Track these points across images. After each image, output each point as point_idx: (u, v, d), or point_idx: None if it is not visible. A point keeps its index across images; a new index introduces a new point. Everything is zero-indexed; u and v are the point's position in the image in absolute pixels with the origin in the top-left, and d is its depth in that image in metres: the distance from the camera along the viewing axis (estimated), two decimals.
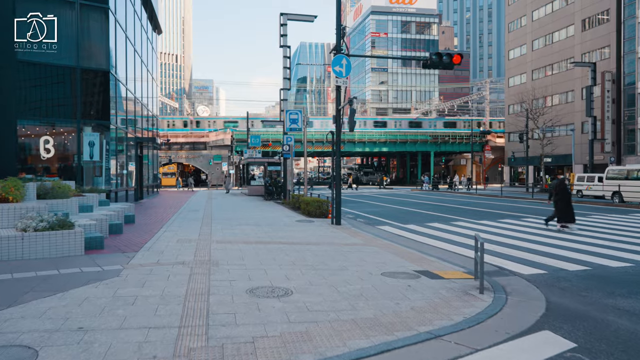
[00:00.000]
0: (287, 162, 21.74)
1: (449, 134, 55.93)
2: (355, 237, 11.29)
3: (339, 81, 13.48)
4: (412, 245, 10.39)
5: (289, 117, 18.65)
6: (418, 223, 14.85)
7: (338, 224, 13.79)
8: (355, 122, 12.46)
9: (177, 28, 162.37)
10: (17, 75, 12.80)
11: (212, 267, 7.03)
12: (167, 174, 51.51)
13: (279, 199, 24.23)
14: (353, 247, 9.63)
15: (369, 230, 13.10)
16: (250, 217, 15.25)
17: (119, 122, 18.94)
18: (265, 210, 18.37)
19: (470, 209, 20.16)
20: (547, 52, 44.05)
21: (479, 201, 25.83)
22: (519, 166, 48.06)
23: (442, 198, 28.83)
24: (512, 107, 48.54)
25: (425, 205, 22.32)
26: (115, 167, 18.00)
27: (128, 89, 20.72)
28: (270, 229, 12.32)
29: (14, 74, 10.92)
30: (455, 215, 17.39)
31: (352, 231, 12.47)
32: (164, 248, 8.55)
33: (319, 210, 15.53)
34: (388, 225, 14.57)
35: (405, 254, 8.88)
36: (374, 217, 17.11)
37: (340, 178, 14.27)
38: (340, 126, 13.88)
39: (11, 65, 10.39)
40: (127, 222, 12.24)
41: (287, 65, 23.25)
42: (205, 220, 14.01)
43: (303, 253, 8.58)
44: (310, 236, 11.04)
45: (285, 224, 13.66)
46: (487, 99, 55.72)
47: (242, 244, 9.43)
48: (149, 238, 9.79)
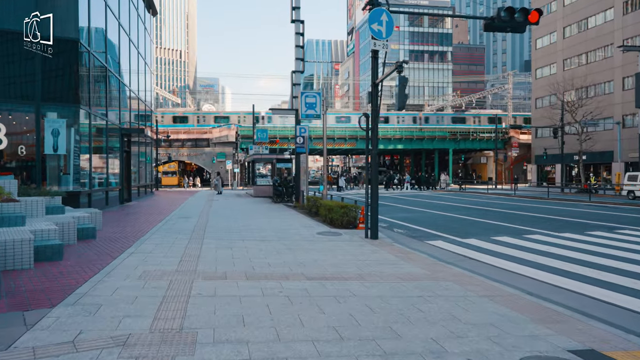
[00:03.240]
0: (300, 158, 18.17)
1: (469, 130, 52.10)
2: (409, 261, 7.70)
3: (377, 44, 9.88)
4: (504, 278, 6.79)
5: (304, 100, 15.00)
6: (479, 236, 11.21)
7: (374, 237, 10.22)
8: (407, 97, 8.83)
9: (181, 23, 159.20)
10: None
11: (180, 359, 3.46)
12: (168, 173, 48.17)
13: (289, 202, 20.67)
14: (418, 284, 6.05)
15: (419, 247, 9.51)
16: (256, 227, 11.70)
17: (94, 108, 15.45)
18: (275, 216, 14.81)
19: (528, 215, 16.48)
20: (581, 39, 40.12)
21: (525, 204, 22.09)
22: (548, 165, 44.16)
23: (474, 200, 25.13)
24: (541, 100, 44.64)
25: (465, 210, 18.64)
26: (89, 162, 14.50)
27: (110, 69, 17.22)
28: (284, 247, 8.75)
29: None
30: (516, 224, 13.72)
31: (397, 249, 8.89)
32: (108, 298, 4.97)
33: (346, 219, 11.92)
34: (440, 239, 10.95)
35: (510, 300, 5.28)
36: (411, 225, 13.50)
37: (377, 174, 10.68)
38: (377, 106, 10.27)
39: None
40: (82, 237, 8.71)
41: (300, 44, 19.67)
42: (197, 233, 10.46)
43: (347, 303, 5.00)
44: (346, 261, 7.45)
45: (304, 237, 10.08)
46: (509, 93, 51.79)
47: (243, 282, 5.87)
48: (97, 270, 6.23)
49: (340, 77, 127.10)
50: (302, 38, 19.64)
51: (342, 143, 50.40)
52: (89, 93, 14.65)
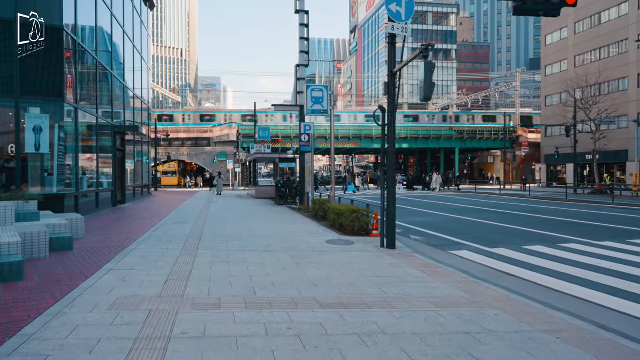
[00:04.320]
0: (304, 157, 16.98)
1: (476, 129, 50.82)
2: (437, 277, 6.51)
3: (396, 27, 8.67)
4: (559, 302, 5.58)
5: (310, 94, 13.76)
6: (508, 245, 9.99)
7: (392, 247, 9.03)
8: (434, 85, 7.61)
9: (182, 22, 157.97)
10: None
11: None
12: (168, 173, 47.02)
13: (293, 204, 19.47)
14: (459, 312, 4.85)
15: (444, 259, 8.30)
16: (258, 233, 10.50)
17: (83, 103, 14.28)
18: (278, 220, 13.61)
19: (554, 220, 15.24)
20: (594, 35, 38.78)
21: (545, 206, 20.84)
22: (558, 164, 42.83)
23: (487, 202, 23.89)
24: (551, 98, 43.32)
25: (483, 214, 17.41)
26: (76, 162, 13.32)
27: (101, 63, 16.05)
28: (291, 259, 7.56)
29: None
30: (546, 230, 12.48)
31: (421, 262, 7.69)
32: (60, 343, 3.70)
33: (358, 225, 10.71)
34: (465, 248, 9.73)
35: (583, 339, 4.06)
36: (428, 230, 12.28)
37: (394, 175, 9.49)
38: (394, 97, 9.05)
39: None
40: (57, 249, 7.53)
41: (305, 35, 18.48)
42: (191, 242, 9.28)
43: (377, 347, 3.79)
44: (364, 279, 6.25)
45: (313, 247, 8.88)
46: (517, 91, 50.39)
47: (241, 312, 4.67)
48: (59, 296, 5.04)
49: (342, 76, 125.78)
50: (307, 30, 18.46)
51: (346, 142, 49.21)
52: (77, 87, 13.47)
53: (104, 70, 16.52)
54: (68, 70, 12.68)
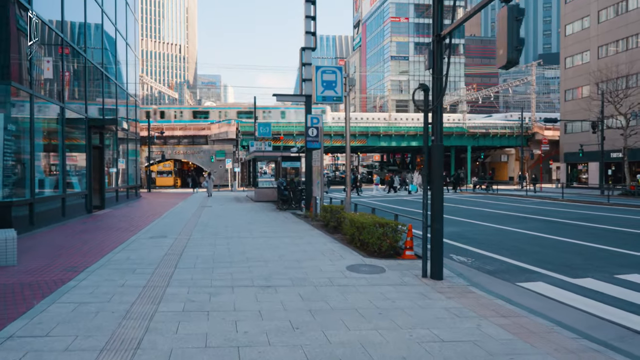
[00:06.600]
0: (312, 155, 14.41)
1: (489, 126, 48.16)
2: (531, 341, 3.94)
3: None
4: None
5: (321, 77, 11.10)
6: (593, 272, 7.41)
7: (438, 277, 6.50)
8: (523, 43, 4.51)
9: (180, 18, 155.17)
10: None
11: None
12: (163, 173, 44.44)
13: (298, 209, 16.93)
14: None
15: (522, 301, 5.72)
16: (256, 255, 7.94)
17: (43, 89, 11.74)
18: (282, 232, 11.04)
19: (624, 232, 12.65)
20: (620, 24, 36.06)
21: (591, 212, 18.23)
22: (580, 163, 40.12)
23: (515, 205, 21.31)
24: (571, 92, 40.63)
25: (523, 221, 14.82)
26: (30, 161, 10.77)
27: (69, 42, 13.51)
28: (303, 304, 5.01)
29: None
30: (627, 249, 9.81)
31: (492, 307, 5.13)
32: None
33: (386, 243, 8.13)
34: (536, 276, 7.15)
35: None
36: (470, 247, 9.71)
37: (442, 176, 6.93)
38: (441, 73, 6.51)
39: None
40: None
41: (311, 14, 15.94)
42: (163, 270, 6.73)
43: None
44: (418, 346, 3.69)
45: (330, 279, 6.34)
46: (532, 85, 47.62)
47: None
48: None
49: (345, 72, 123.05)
50: (314, 7, 15.91)
51: (352, 140, 46.60)
52: (33, 69, 10.93)
53: (75, 53, 13.98)
54: (17, 46, 10.13)
